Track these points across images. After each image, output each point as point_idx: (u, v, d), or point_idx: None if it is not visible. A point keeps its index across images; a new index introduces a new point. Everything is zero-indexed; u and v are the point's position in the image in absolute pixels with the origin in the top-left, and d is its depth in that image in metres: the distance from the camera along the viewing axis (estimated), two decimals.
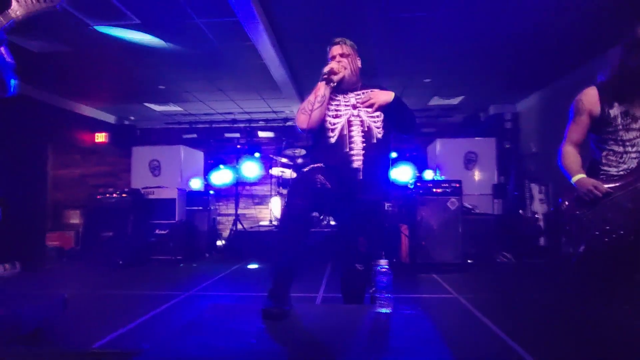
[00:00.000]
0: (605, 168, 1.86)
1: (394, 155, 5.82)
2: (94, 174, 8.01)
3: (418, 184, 4.61)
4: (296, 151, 6.33)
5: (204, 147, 7.68)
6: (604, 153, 1.87)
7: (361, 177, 2.00)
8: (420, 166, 6.15)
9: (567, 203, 1.90)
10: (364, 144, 2.03)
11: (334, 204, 2.08)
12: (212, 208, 5.87)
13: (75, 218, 7.73)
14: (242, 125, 8.05)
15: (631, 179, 1.75)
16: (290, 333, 1.48)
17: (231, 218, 7.49)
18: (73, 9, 3.66)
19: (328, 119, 2.10)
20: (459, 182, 4.59)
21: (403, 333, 1.46)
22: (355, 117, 2.09)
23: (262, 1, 3.62)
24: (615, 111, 1.80)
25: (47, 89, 6.06)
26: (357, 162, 2.00)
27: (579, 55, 4.91)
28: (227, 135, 7.81)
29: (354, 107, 2.12)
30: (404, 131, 2.25)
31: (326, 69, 2.07)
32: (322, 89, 2.06)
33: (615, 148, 1.83)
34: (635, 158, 1.78)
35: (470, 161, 6.21)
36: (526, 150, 5.61)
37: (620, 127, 1.80)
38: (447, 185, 4.57)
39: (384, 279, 1.66)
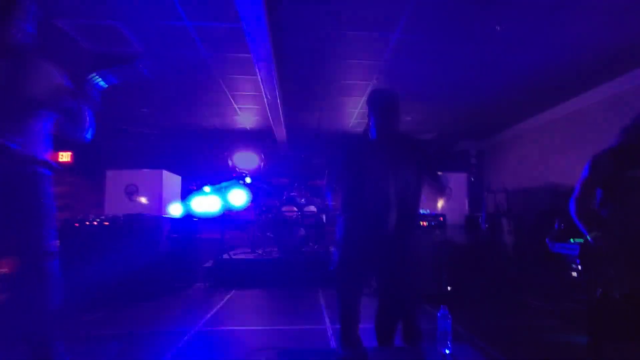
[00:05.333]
0: (614, 223, 2.08)
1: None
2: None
3: None
4: (282, 179, 6.44)
5: (182, 170, 7.51)
6: (613, 210, 2.11)
7: (396, 224, 2.17)
8: None
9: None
10: (399, 195, 2.19)
11: (378, 251, 2.23)
12: (196, 236, 5.77)
13: None
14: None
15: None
16: None
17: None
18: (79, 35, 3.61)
19: (368, 175, 2.26)
20: (444, 215, 4.94)
21: None
22: (392, 167, 2.26)
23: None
24: (625, 175, 2.03)
25: None
26: (393, 211, 2.16)
27: (535, 105, 5.77)
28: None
29: (391, 158, 2.29)
30: (434, 194, 2.48)
31: (371, 131, 2.29)
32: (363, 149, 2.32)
33: (622, 207, 2.07)
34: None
35: (446, 195, 6.66)
36: (495, 186, 6.15)
37: (628, 190, 2.04)
38: (432, 218, 4.90)
39: (445, 322, 1.85)
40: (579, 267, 4.54)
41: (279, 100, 5.05)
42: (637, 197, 2.07)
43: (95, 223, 4.95)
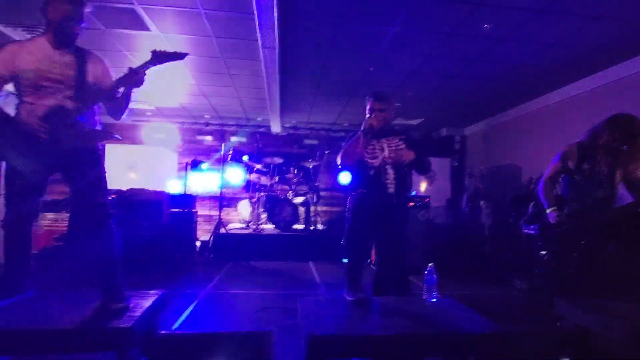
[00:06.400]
0: (571, 204, 2.62)
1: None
2: None
3: None
4: (275, 159, 6.74)
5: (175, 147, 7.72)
6: (572, 193, 2.62)
7: (394, 200, 2.60)
8: None
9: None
10: (395, 175, 2.63)
11: (378, 221, 2.64)
12: (194, 211, 6.04)
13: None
14: (215, 128, 8.21)
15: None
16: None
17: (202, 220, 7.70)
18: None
19: (367, 159, 2.67)
20: (428, 197, 5.38)
21: (450, 311, 2.08)
22: (387, 157, 2.67)
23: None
24: (585, 166, 2.54)
25: None
26: (391, 189, 2.61)
27: (516, 98, 6.23)
28: (199, 137, 7.93)
29: (387, 149, 2.69)
30: (420, 173, 2.90)
31: (367, 125, 2.62)
32: (362, 139, 2.64)
33: (580, 191, 2.56)
34: (592, 202, 2.53)
35: (429, 177, 7.11)
36: (476, 171, 6.62)
37: (586, 178, 2.53)
38: (418, 199, 5.33)
39: (432, 277, 2.25)
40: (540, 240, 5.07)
41: (277, 85, 5.32)
42: (587, 184, 2.55)
43: None
